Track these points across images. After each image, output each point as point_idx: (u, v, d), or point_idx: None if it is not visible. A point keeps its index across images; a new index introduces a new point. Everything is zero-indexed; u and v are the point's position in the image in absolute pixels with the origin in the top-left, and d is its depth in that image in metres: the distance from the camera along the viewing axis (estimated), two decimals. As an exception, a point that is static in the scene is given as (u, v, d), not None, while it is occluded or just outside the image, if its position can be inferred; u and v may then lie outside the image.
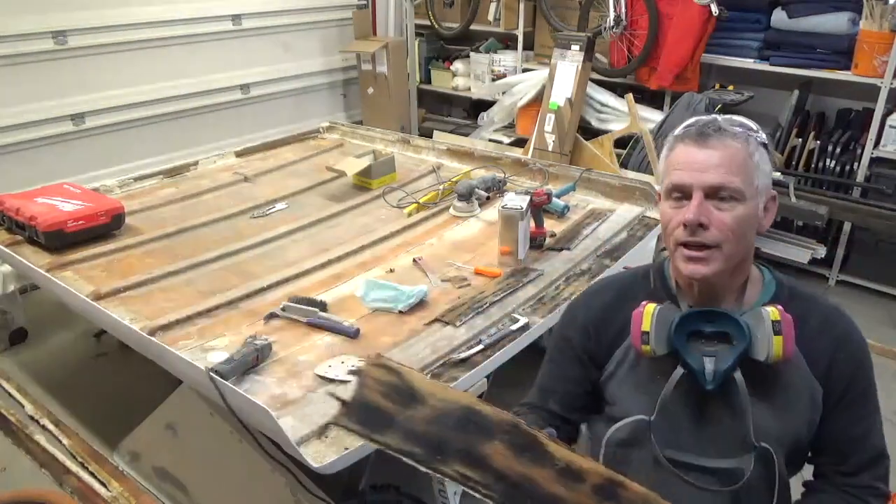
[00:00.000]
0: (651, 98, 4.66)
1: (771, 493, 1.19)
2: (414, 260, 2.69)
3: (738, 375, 1.16)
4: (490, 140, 5.05)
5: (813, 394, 1.20)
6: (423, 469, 1.00)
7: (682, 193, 1.14)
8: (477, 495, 1.00)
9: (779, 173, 4.05)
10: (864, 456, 1.23)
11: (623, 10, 4.41)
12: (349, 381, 1.14)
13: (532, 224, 2.70)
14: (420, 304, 2.34)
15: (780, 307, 1.15)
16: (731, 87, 4.28)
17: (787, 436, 1.22)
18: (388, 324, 2.25)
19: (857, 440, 1.22)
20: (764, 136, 1.17)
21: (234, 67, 4.81)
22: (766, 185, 1.17)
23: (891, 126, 3.76)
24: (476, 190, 3.14)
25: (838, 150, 4.06)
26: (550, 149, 4.46)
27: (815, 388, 1.20)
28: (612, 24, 4.44)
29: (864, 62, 3.73)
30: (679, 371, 1.19)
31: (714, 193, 1.12)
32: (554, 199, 2.95)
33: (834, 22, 3.86)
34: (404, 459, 1.01)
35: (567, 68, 4.45)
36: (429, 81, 5.95)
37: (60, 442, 2.83)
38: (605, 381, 1.35)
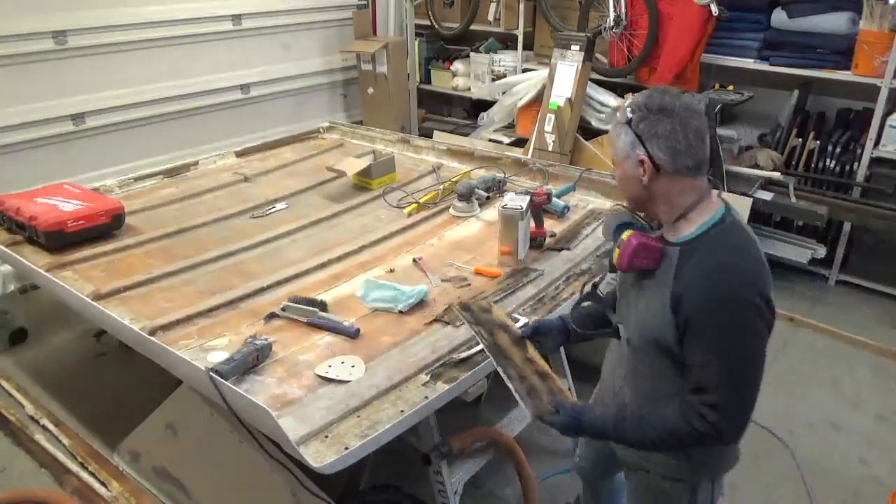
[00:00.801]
0: (651, 98, 4.65)
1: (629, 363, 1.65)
2: (414, 260, 2.69)
3: (619, 274, 1.64)
4: (490, 140, 5.05)
5: (665, 314, 1.47)
6: (468, 324, 1.90)
7: None
8: (479, 340, 1.84)
9: (779, 173, 4.05)
10: (699, 386, 1.44)
11: (623, 10, 4.41)
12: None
13: (532, 224, 2.70)
14: (420, 304, 2.34)
15: (636, 238, 1.50)
16: (731, 87, 4.29)
17: (638, 330, 1.57)
18: (388, 324, 2.26)
19: (696, 367, 1.44)
20: (633, 113, 1.47)
21: (234, 67, 4.81)
22: (627, 150, 1.49)
23: (891, 126, 3.75)
24: (476, 190, 3.14)
25: (838, 150, 4.06)
26: (550, 149, 4.46)
27: (666, 311, 1.46)
28: (612, 24, 4.44)
29: (864, 62, 3.73)
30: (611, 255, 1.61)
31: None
32: (554, 199, 2.95)
33: (834, 22, 3.86)
34: (467, 322, 1.92)
35: (567, 68, 4.45)
36: (429, 81, 5.96)
37: (60, 442, 2.83)
38: None
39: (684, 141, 1.43)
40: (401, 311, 2.30)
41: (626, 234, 1.51)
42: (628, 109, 1.49)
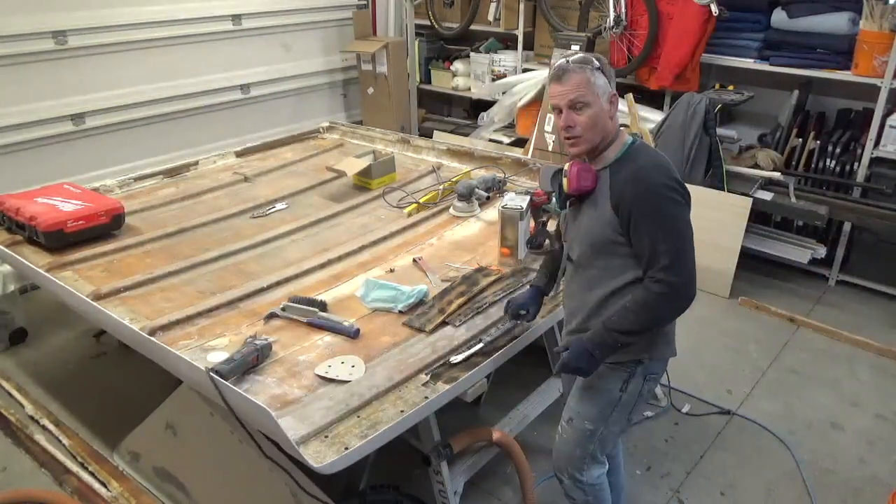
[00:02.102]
0: (651, 98, 4.66)
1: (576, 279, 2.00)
2: (414, 260, 2.69)
3: (565, 212, 2.00)
4: (490, 140, 5.06)
5: (609, 216, 1.82)
6: None
7: (558, 110, 1.84)
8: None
9: (779, 173, 4.05)
10: (651, 259, 1.78)
11: (623, 10, 4.41)
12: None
13: (532, 224, 2.70)
14: (420, 304, 2.34)
15: (574, 165, 1.85)
16: (731, 87, 4.29)
17: (584, 241, 1.90)
18: (388, 324, 2.26)
19: (645, 248, 1.78)
20: (599, 63, 1.81)
21: (234, 67, 4.81)
22: (605, 90, 1.81)
23: (891, 126, 3.75)
24: (476, 190, 3.14)
25: (838, 150, 4.06)
26: (550, 149, 4.46)
27: (610, 212, 1.82)
28: (612, 24, 4.44)
29: (864, 62, 3.73)
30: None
31: (573, 106, 1.81)
32: (554, 199, 2.94)
33: (834, 22, 3.86)
34: None
35: (567, 68, 4.44)
36: (429, 81, 5.96)
37: (60, 442, 2.83)
38: None
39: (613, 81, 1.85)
40: (401, 311, 2.30)
41: (567, 167, 1.87)
42: (594, 59, 1.81)
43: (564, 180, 1.88)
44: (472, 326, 2.22)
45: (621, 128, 1.91)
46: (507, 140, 5.04)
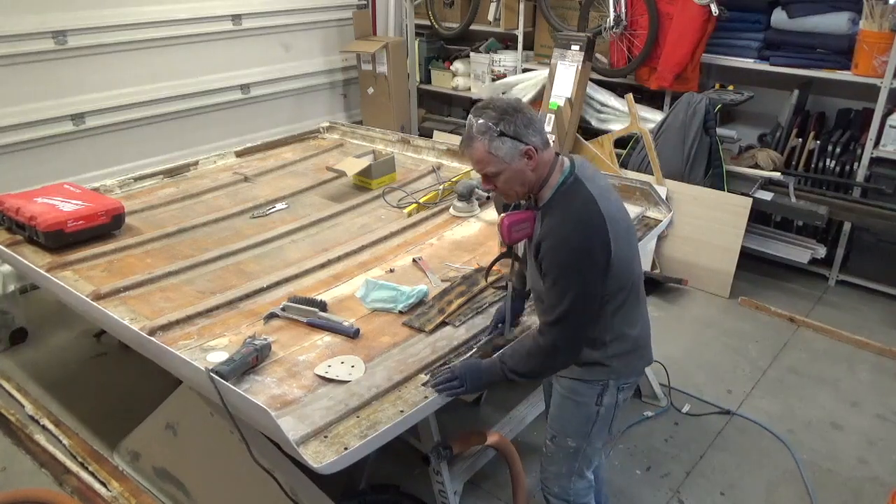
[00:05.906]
0: (651, 98, 4.66)
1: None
2: (414, 260, 2.69)
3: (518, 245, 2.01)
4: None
5: (534, 262, 1.82)
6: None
7: None
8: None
9: (779, 173, 4.06)
10: (547, 310, 1.79)
11: (623, 10, 4.41)
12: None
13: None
14: (420, 304, 2.34)
15: (507, 218, 1.80)
16: (731, 87, 4.29)
17: (531, 279, 1.94)
18: (388, 324, 2.25)
19: (546, 299, 1.79)
20: (504, 123, 1.71)
21: (234, 67, 4.81)
22: (513, 152, 1.73)
23: (891, 126, 3.76)
24: (476, 190, 3.14)
25: (838, 150, 4.06)
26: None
27: (532, 260, 1.82)
28: (612, 24, 4.44)
29: (864, 62, 3.73)
30: None
31: (484, 176, 1.81)
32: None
33: (834, 22, 3.86)
34: None
35: (567, 68, 4.45)
36: (429, 81, 5.96)
37: (60, 442, 2.84)
38: None
39: (538, 123, 1.77)
40: (401, 312, 2.30)
41: (499, 218, 1.84)
42: (491, 123, 1.72)
43: (499, 233, 1.85)
44: (472, 326, 2.22)
45: (563, 156, 1.84)
46: (507, 140, 5.04)
